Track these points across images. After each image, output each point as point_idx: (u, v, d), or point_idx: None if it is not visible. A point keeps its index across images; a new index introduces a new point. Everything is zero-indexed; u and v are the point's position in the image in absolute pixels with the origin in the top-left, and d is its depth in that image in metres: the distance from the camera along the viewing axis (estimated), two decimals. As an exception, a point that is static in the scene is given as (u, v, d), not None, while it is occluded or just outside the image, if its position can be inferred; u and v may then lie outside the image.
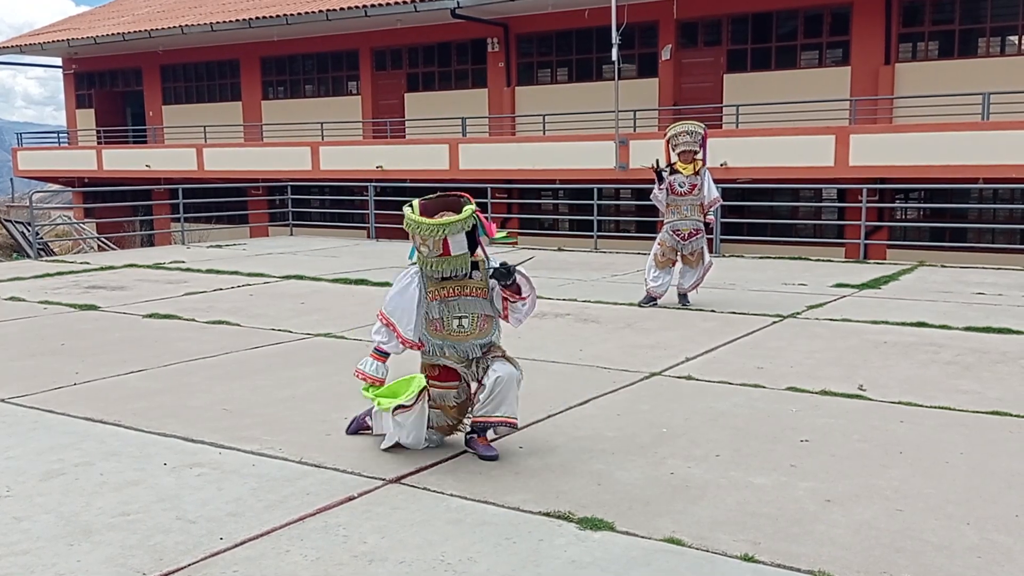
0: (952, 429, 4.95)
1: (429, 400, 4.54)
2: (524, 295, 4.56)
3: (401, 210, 4.67)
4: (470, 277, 4.52)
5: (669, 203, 8.89)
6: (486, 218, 4.59)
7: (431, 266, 4.46)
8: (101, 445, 4.77)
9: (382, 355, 4.61)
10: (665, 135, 9.09)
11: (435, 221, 4.37)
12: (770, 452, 4.56)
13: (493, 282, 4.53)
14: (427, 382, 4.52)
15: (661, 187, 8.84)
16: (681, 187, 8.85)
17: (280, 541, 3.56)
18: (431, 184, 20.01)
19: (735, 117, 18.57)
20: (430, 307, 4.51)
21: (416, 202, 4.53)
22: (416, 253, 4.53)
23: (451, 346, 4.55)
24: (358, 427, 4.92)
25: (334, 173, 22.61)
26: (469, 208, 4.43)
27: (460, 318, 4.51)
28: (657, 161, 8.94)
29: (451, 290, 4.50)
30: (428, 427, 4.56)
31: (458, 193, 4.61)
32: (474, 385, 4.60)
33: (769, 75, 19.37)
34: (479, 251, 4.55)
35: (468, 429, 4.65)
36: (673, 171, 8.89)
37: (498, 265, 4.48)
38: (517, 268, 4.47)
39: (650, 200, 9.19)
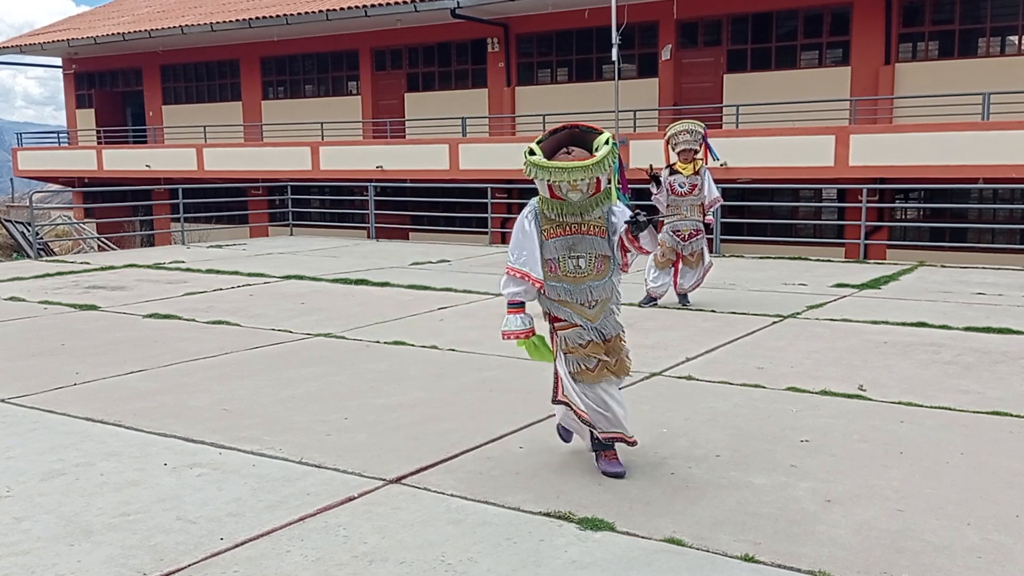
0: (952, 429, 4.95)
1: (563, 346, 4.27)
2: (647, 249, 4.22)
3: (401, 210, 4.57)
4: (587, 214, 4.20)
5: (669, 203, 8.88)
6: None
7: (554, 208, 4.17)
8: (101, 445, 4.77)
9: (519, 307, 4.26)
10: (665, 135, 9.08)
11: (584, 163, 4.03)
12: (770, 452, 4.56)
13: (617, 224, 4.19)
14: (551, 326, 4.30)
15: (659, 192, 8.83)
16: (681, 187, 8.85)
17: (280, 541, 3.56)
18: (431, 184, 20.07)
19: (735, 117, 18.57)
20: (546, 246, 4.21)
21: (536, 145, 4.19)
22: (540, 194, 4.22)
23: (567, 289, 4.23)
24: (565, 430, 4.59)
25: (334, 173, 22.62)
26: (606, 145, 4.08)
27: (577, 258, 4.19)
28: (651, 166, 8.93)
29: (568, 228, 4.19)
30: (572, 379, 4.24)
31: (581, 125, 4.28)
32: (594, 334, 4.25)
33: (769, 75, 19.37)
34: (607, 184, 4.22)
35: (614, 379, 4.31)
36: (673, 171, 8.89)
37: (632, 214, 4.12)
38: (651, 219, 4.11)
39: (650, 201, 9.18)
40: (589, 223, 4.21)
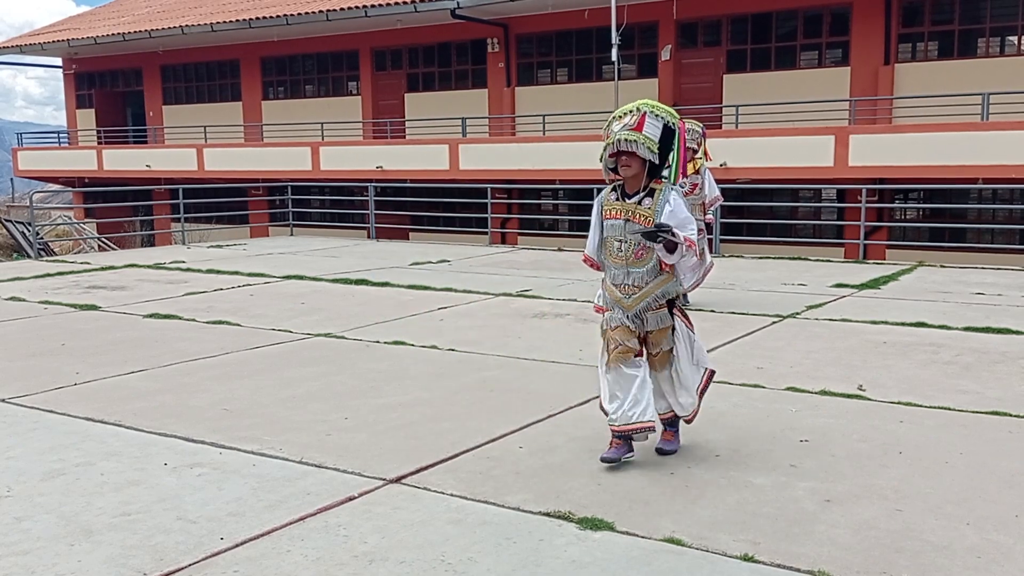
0: (951, 429, 4.95)
1: (606, 325, 4.47)
2: (666, 262, 4.33)
3: (401, 210, 4.68)
4: (640, 203, 4.33)
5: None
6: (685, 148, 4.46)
7: (615, 190, 4.41)
8: (102, 445, 4.77)
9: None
10: None
11: (622, 134, 4.26)
12: (770, 452, 4.57)
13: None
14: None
15: None
16: (682, 187, 8.84)
17: (281, 541, 3.57)
18: (431, 184, 20.07)
19: (735, 117, 18.57)
20: (603, 225, 4.45)
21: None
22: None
23: (610, 268, 4.47)
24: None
25: (334, 173, 22.62)
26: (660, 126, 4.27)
27: (620, 241, 4.37)
28: None
29: (619, 211, 4.37)
30: (609, 355, 4.39)
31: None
32: (628, 321, 4.38)
33: (769, 75, 19.37)
34: (669, 178, 4.41)
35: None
36: (673, 172, 8.90)
37: (650, 228, 4.24)
38: (672, 232, 4.19)
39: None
40: (638, 210, 4.33)
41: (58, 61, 30.90)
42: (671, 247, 4.27)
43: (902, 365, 6.43)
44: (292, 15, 22.83)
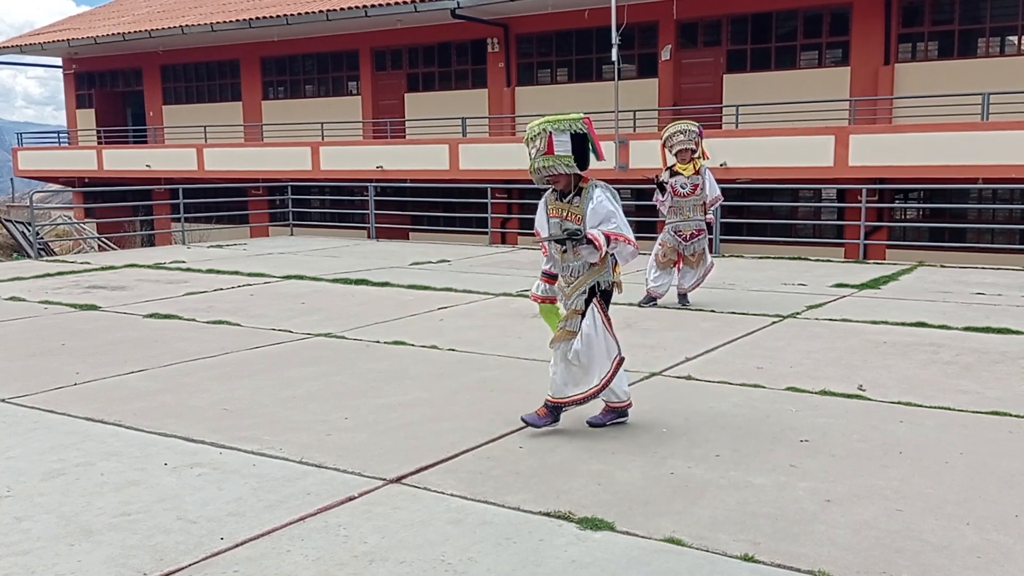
0: (952, 429, 4.95)
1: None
2: (594, 259, 4.81)
3: (401, 210, 4.90)
4: (571, 202, 4.80)
5: (672, 204, 8.90)
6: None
7: (553, 192, 4.89)
8: (102, 445, 4.77)
9: (546, 276, 5.01)
10: (661, 137, 9.10)
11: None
12: (770, 452, 4.57)
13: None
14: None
15: (663, 197, 8.86)
16: (683, 188, 8.86)
17: (281, 541, 3.57)
18: (431, 184, 20.06)
19: (735, 117, 18.57)
20: (548, 223, 4.92)
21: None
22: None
23: (555, 260, 4.92)
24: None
25: (334, 173, 22.62)
26: (576, 116, 4.73)
27: None
28: (656, 176, 8.99)
29: (557, 210, 4.85)
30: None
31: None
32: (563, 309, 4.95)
33: (769, 75, 19.37)
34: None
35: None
36: (673, 173, 8.91)
37: (568, 229, 4.73)
38: (583, 235, 4.69)
39: (651, 202, 9.20)
40: (570, 209, 4.81)
41: (58, 61, 30.90)
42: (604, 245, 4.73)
43: (902, 365, 6.43)
44: (292, 15, 22.82)
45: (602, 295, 4.90)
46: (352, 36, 24.22)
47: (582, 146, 4.68)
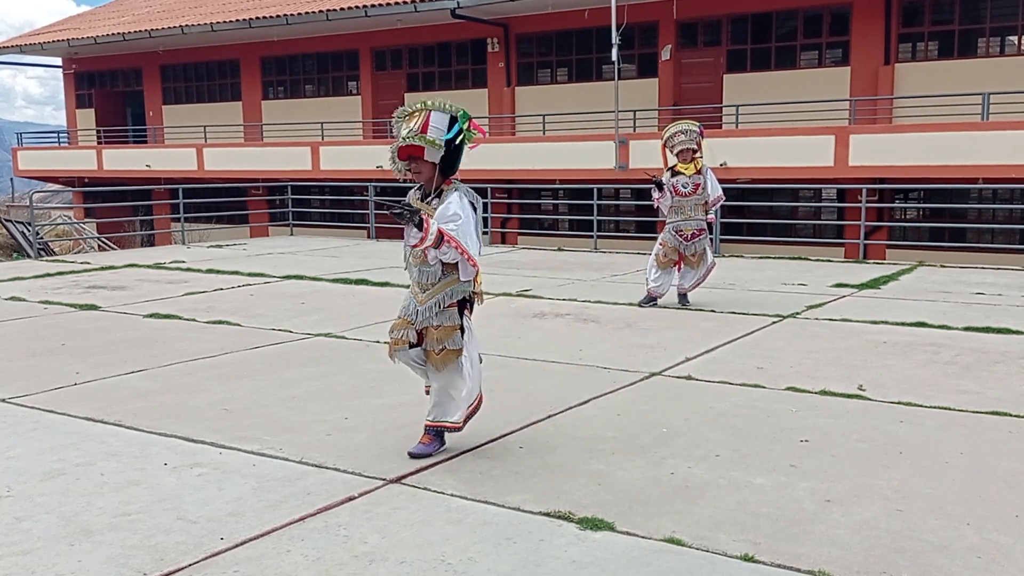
0: (952, 429, 4.95)
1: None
2: (410, 243, 4.32)
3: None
4: (430, 203, 4.44)
5: (673, 204, 8.90)
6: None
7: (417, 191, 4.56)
8: (101, 445, 4.77)
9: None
10: (661, 138, 9.10)
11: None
12: (770, 452, 4.57)
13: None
14: None
15: (662, 196, 8.86)
16: (684, 188, 8.86)
17: (281, 541, 3.57)
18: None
19: (735, 117, 18.58)
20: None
21: None
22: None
23: (411, 266, 4.55)
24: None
25: (334, 173, 22.62)
26: (462, 113, 4.48)
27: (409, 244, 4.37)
28: (653, 176, 9.00)
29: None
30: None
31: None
32: (412, 314, 4.52)
33: (769, 75, 19.37)
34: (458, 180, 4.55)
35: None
36: (675, 173, 8.90)
37: (412, 208, 4.25)
38: (419, 217, 4.20)
39: (651, 201, 9.20)
40: (428, 211, 4.40)
41: (58, 61, 30.90)
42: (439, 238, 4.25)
43: (902, 365, 6.43)
44: (292, 15, 22.83)
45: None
46: (352, 36, 24.22)
47: (456, 150, 4.47)
